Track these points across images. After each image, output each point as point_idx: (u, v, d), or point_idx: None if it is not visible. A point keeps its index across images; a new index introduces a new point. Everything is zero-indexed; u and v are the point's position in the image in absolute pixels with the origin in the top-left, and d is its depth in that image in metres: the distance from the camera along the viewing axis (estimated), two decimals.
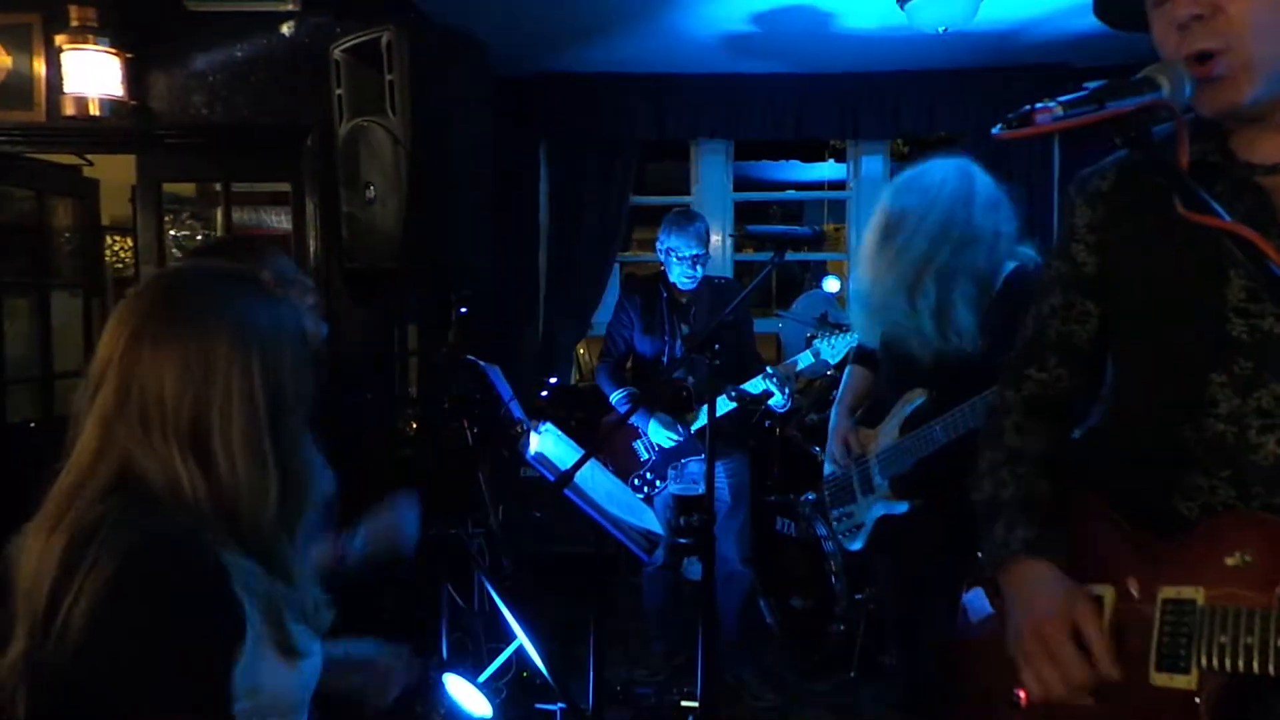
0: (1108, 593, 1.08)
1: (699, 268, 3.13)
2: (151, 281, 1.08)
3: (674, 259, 3.11)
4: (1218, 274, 1.02)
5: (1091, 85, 0.89)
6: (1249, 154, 1.04)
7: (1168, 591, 1.00)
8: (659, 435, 3.10)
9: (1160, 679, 0.99)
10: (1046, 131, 0.85)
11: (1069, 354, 1.22)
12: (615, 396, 3.22)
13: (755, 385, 2.94)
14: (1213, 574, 0.97)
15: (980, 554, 1.22)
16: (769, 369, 2.97)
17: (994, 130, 0.86)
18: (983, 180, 2.01)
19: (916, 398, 2.11)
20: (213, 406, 0.99)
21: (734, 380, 2.96)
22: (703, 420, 3.08)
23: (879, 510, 2.20)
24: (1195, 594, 0.98)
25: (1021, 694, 1.15)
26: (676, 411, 3.15)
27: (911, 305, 1.97)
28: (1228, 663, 0.93)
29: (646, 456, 3.19)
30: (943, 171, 2.01)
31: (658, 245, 3.19)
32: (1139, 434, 1.12)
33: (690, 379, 3.16)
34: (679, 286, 3.17)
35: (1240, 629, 0.92)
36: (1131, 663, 1.02)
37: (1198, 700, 0.95)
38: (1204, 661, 0.95)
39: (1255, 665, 0.90)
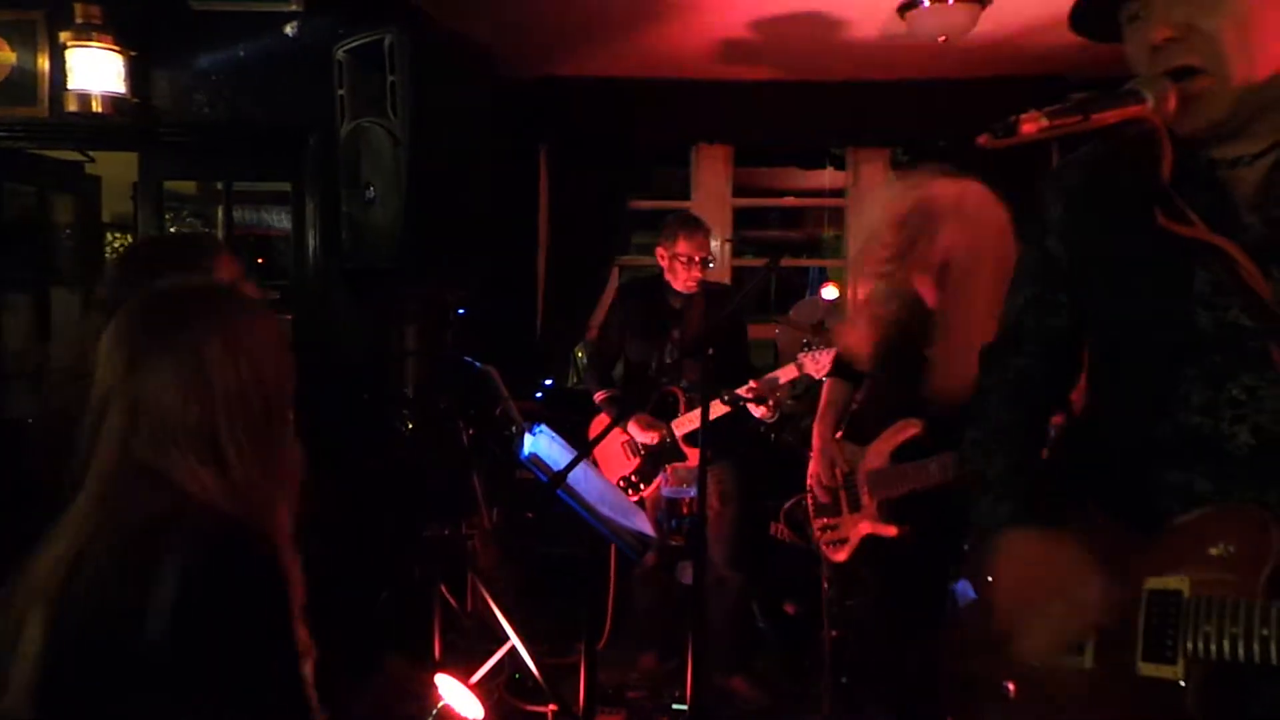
0: None
1: (703, 271, 3.13)
2: (135, 303, 1.12)
3: (680, 264, 3.10)
4: (1183, 267, 1.03)
5: (1078, 95, 0.91)
6: (1209, 149, 1.04)
7: (1153, 583, 1.02)
8: (638, 437, 3.13)
9: (1147, 669, 1.00)
10: (1032, 140, 0.87)
11: (1045, 343, 1.23)
12: (599, 398, 3.25)
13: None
14: (1197, 564, 0.99)
15: (971, 532, 1.23)
16: (749, 382, 2.94)
17: (980, 139, 0.87)
18: None
19: (911, 428, 2.10)
20: (216, 409, 1.04)
21: (729, 385, 2.97)
22: (690, 425, 3.09)
23: (865, 530, 2.21)
24: (1180, 584, 0.99)
25: (1010, 686, 1.16)
26: (663, 415, 3.16)
27: None
28: (1213, 650, 0.94)
29: (633, 458, 3.21)
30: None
31: (662, 250, 3.17)
32: (1117, 429, 1.13)
33: (683, 383, 3.17)
34: (681, 291, 3.17)
35: (1225, 617, 0.94)
36: (1120, 654, 1.03)
37: (1184, 688, 0.97)
38: (1189, 650, 0.96)
39: (1240, 652, 0.92)
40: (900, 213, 2.03)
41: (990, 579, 1.17)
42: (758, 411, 2.94)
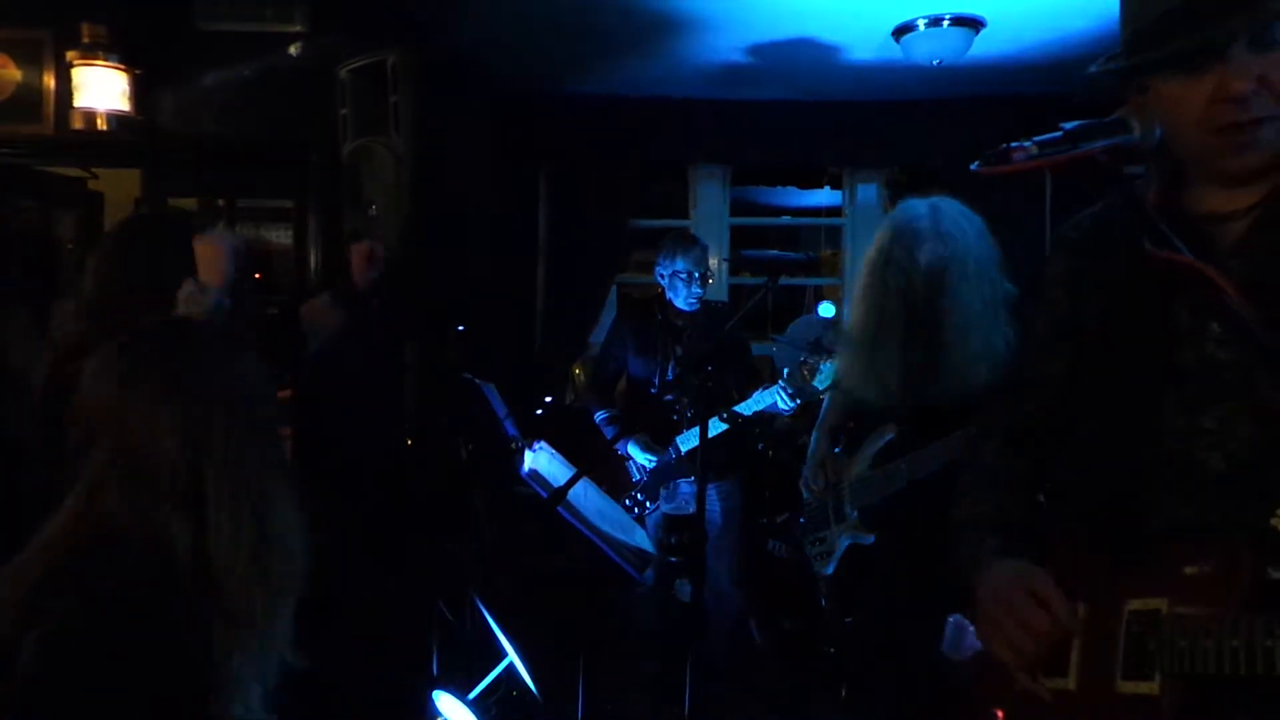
0: (1080, 609, 1.12)
1: (703, 287, 3.16)
2: (125, 340, 1.08)
3: (679, 280, 3.14)
4: (1167, 305, 1.08)
5: (1068, 125, 0.94)
6: (1195, 205, 1.09)
7: (1134, 604, 1.05)
8: (639, 456, 3.15)
9: (1126, 687, 1.03)
10: (1022, 170, 0.90)
11: (1043, 389, 1.29)
12: (599, 417, 3.27)
13: (747, 407, 2.97)
14: (1175, 586, 1.02)
15: (953, 567, 1.26)
16: (785, 371, 2.96)
17: (972, 166, 0.90)
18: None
19: (887, 433, 2.17)
20: (210, 465, 1.01)
21: (730, 403, 2.99)
22: (693, 441, 3.11)
23: (847, 540, 2.27)
24: (1159, 604, 1.03)
25: (999, 714, 1.18)
26: (665, 433, 3.18)
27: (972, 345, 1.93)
28: (1186, 666, 0.97)
29: (638, 477, 3.22)
30: (951, 212, 2.07)
31: (660, 270, 3.20)
32: (1104, 455, 1.17)
33: (686, 400, 3.19)
34: (681, 308, 3.19)
35: (1198, 633, 0.97)
36: (1102, 674, 1.06)
37: (1162, 705, 0.99)
38: (1166, 667, 0.99)
39: (1212, 666, 0.94)
40: None
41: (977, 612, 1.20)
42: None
